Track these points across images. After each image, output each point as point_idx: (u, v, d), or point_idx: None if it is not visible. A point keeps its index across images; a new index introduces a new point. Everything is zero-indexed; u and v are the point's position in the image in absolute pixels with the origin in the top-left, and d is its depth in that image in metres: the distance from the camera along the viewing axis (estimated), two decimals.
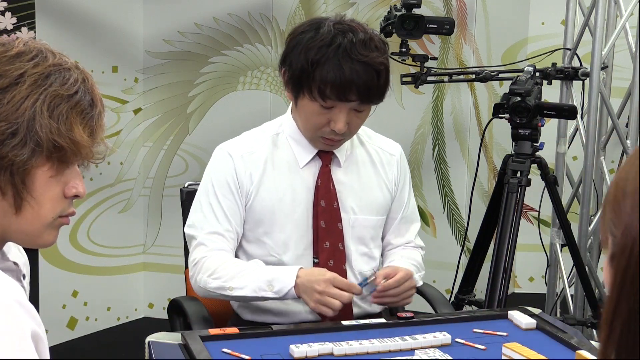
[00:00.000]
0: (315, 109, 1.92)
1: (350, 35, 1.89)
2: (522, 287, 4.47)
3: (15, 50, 1.17)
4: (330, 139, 1.96)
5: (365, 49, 1.88)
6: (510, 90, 2.79)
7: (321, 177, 2.02)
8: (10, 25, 3.26)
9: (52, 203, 1.20)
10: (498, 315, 1.91)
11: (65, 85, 1.17)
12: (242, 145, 2.05)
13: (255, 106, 3.79)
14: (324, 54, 1.87)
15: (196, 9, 3.78)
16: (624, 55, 3.43)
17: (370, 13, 3.81)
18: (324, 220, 2.01)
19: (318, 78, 1.87)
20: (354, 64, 1.86)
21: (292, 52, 1.93)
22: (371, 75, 1.88)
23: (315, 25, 1.94)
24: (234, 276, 1.91)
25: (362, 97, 1.89)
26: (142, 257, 3.96)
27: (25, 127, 1.14)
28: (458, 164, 3.95)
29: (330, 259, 2.01)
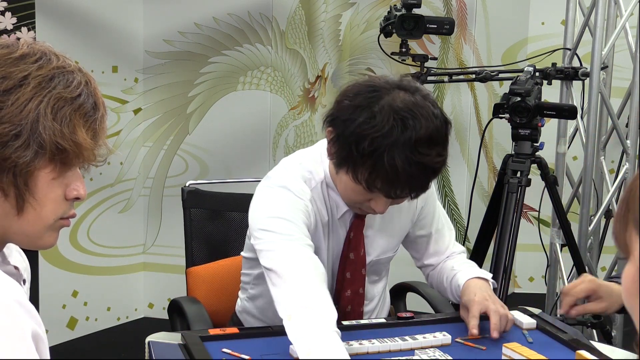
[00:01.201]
0: (356, 189, 1.72)
1: (410, 124, 1.63)
2: (522, 287, 4.47)
3: (19, 52, 1.17)
4: (367, 211, 1.80)
5: (427, 145, 1.63)
6: (510, 90, 2.79)
7: (354, 230, 1.88)
8: (10, 25, 3.26)
9: (53, 205, 1.20)
10: None
11: (69, 88, 1.18)
12: (302, 184, 1.82)
13: (255, 106, 3.79)
14: (379, 147, 1.62)
15: (196, 9, 3.78)
16: (624, 55, 3.43)
17: (370, 13, 3.81)
18: (349, 272, 1.92)
19: (368, 170, 1.65)
20: (412, 166, 1.63)
21: (342, 124, 1.69)
22: (427, 177, 1.68)
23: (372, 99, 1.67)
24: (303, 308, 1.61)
25: (412, 195, 1.73)
26: (142, 257, 3.96)
27: (28, 129, 1.14)
28: (458, 164, 3.95)
29: (349, 304, 1.94)
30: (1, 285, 1.07)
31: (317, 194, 1.83)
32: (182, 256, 2.36)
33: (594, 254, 3.56)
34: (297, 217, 1.75)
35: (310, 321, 1.58)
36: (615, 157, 3.79)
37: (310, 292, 1.63)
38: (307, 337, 1.55)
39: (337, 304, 1.85)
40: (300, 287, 1.63)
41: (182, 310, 2.07)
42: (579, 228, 3.26)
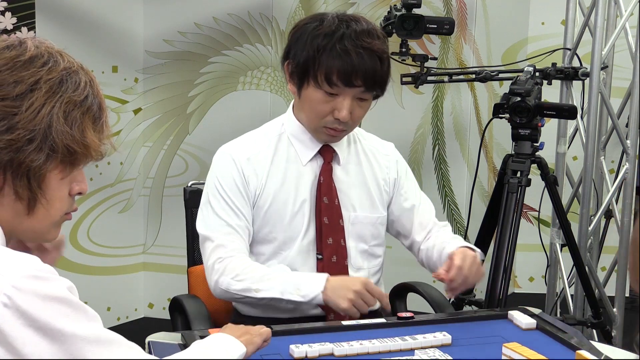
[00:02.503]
0: (319, 97, 1.95)
1: (353, 24, 1.94)
2: (522, 287, 4.47)
3: (28, 55, 1.19)
4: (334, 129, 1.99)
5: (369, 36, 1.93)
6: (510, 90, 2.79)
7: (323, 174, 2.05)
8: (10, 25, 3.26)
9: (60, 202, 1.24)
10: (498, 315, 1.91)
11: (77, 91, 1.21)
12: (246, 147, 2.07)
13: (255, 106, 3.79)
14: (330, 40, 1.91)
15: (196, 9, 3.78)
16: (624, 55, 3.43)
17: (371, 13, 3.81)
18: (327, 217, 2.03)
19: (324, 64, 1.91)
20: (360, 50, 1.90)
21: (296, 43, 1.97)
22: (375, 61, 1.92)
23: (319, 17, 1.99)
24: (261, 279, 1.92)
25: (367, 83, 1.92)
26: (142, 257, 3.96)
27: (42, 133, 1.17)
28: (458, 164, 3.95)
29: (334, 255, 2.03)
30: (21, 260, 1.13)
31: (274, 146, 2.06)
32: (182, 256, 2.36)
33: (594, 254, 3.56)
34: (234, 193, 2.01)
35: (275, 278, 1.92)
36: (615, 157, 3.80)
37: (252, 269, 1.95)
38: (285, 284, 1.89)
39: (321, 253, 2.02)
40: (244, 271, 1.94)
41: (183, 307, 2.08)
42: (579, 228, 3.26)
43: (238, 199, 2.01)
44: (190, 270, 2.29)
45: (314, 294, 1.86)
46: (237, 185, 2.02)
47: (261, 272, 1.94)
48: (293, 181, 2.04)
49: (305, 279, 1.90)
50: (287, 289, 1.89)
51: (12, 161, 1.16)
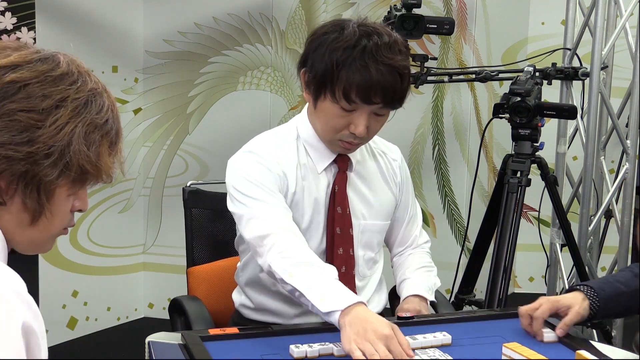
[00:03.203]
0: (336, 112, 1.87)
1: (375, 37, 1.85)
2: (522, 287, 4.47)
3: (59, 71, 1.20)
4: (349, 142, 1.92)
5: (390, 51, 1.85)
6: (510, 90, 2.79)
7: (338, 183, 1.99)
8: (10, 25, 3.26)
9: (62, 217, 1.26)
10: (498, 315, 1.91)
11: (100, 114, 1.23)
12: (271, 149, 1.96)
13: (255, 106, 3.79)
14: (350, 55, 1.83)
15: (196, 9, 3.78)
16: (624, 55, 3.43)
17: (371, 13, 3.81)
18: (339, 227, 1.98)
19: (344, 79, 1.82)
20: (380, 66, 1.83)
21: (314, 52, 1.89)
22: (395, 78, 1.86)
23: (339, 26, 1.89)
24: (301, 264, 1.76)
25: (386, 100, 1.86)
26: (142, 257, 3.96)
27: (60, 150, 1.18)
28: (458, 164, 3.95)
29: (343, 265, 1.98)
30: (1, 276, 1.10)
31: (295, 152, 1.97)
32: (182, 256, 2.36)
33: (594, 254, 3.56)
34: (268, 181, 1.90)
35: (314, 273, 1.73)
36: (615, 157, 3.79)
37: (303, 252, 1.79)
38: (317, 285, 1.70)
39: (332, 263, 1.93)
40: (293, 250, 1.79)
41: (183, 308, 2.08)
42: (579, 228, 3.27)
43: (276, 188, 1.91)
44: (190, 270, 2.28)
45: (333, 309, 1.64)
46: (273, 178, 1.91)
47: (306, 258, 1.78)
48: (310, 189, 1.97)
49: (337, 290, 1.69)
50: (314, 288, 1.70)
51: (26, 173, 1.17)
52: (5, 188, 1.18)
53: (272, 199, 1.88)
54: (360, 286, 2.05)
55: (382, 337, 1.56)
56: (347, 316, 1.61)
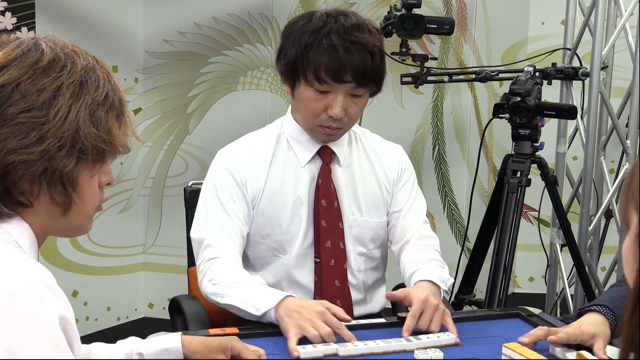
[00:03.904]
0: (311, 95, 1.92)
1: (342, 18, 1.91)
2: (522, 287, 4.47)
3: (46, 60, 1.19)
4: (329, 127, 1.95)
5: (357, 30, 1.89)
6: (510, 90, 2.79)
7: (322, 176, 2.02)
8: (10, 25, 3.26)
9: (92, 198, 1.27)
10: (498, 315, 1.91)
11: (99, 90, 1.22)
12: (245, 149, 2.04)
13: (255, 106, 3.79)
14: (317, 37, 1.88)
15: (196, 9, 3.78)
16: (624, 55, 3.43)
17: (371, 13, 3.81)
18: (325, 220, 2.00)
19: (312, 60, 1.88)
20: (347, 44, 1.87)
21: (286, 41, 1.95)
22: (365, 56, 1.88)
23: (308, 14, 1.96)
24: (229, 285, 1.87)
25: (357, 78, 1.89)
26: (142, 257, 3.96)
27: (70, 139, 1.18)
28: (458, 164, 3.95)
29: (332, 258, 2.01)
30: (29, 269, 1.11)
31: (273, 148, 2.03)
32: (182, 256, 2.36)
33: (594, 254, 3.56)
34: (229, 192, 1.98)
35: (242, 287, 1.84)
36: (615, 157, 3.79)
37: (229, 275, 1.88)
38: (247, 296, 1.80)
39: (319, 257, 1.98)
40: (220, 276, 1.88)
41: (182, 308, 2.08)
42: (579, 228, 3.27)
43: (233, 202, 1.98)
44: (191, 270, 2.28)
45: (266, 309, 1.75)
46: (234, 189, 1.99)
47: (232, 278, 1.88)
48: (291, 183, 2.01)
49: (264, 293, 1.81)
50: (246, 300, 1.81)
51: (45, 171, 1.17)
52: (29, 190, 1.18)
53: (227, 220, 1.96)
54: (354, 283, 2.05)
55: (317, 314, 1.68)
56: (280, 309, 1.72)
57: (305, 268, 2.01)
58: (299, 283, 2.01)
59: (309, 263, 2.01)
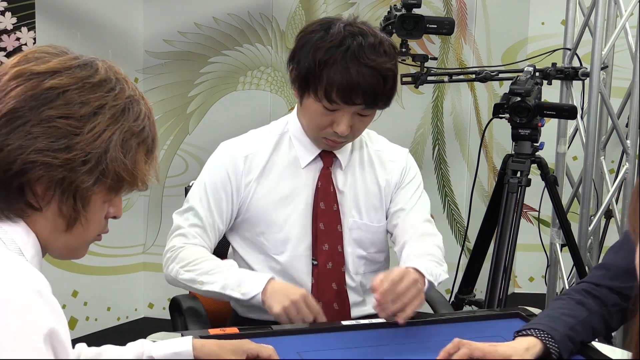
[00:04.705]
0: (319, 110, 1.91)
1: (359, 38, 1.87)
2: (522, 287, 4.47)
3: (98, 78, 1.21)
4: (333, 140, 1.95)
5: (373, 53, 1.86)
6: (510, 90, 2.79)
7: (322, 179, 2.01)
8: (10, 25, 3.26)
9: (97, 224, 1.28)
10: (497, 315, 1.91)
11: (137, 121, 1.24)
12: (247, 145, 2.04)
13: (255, 106, 3.79)
14: (332, 55, 1.86)
15: (196, 9, 3.78)
16: (624, 55, 3.43)
17: (371, 13, 3.81)
18: (323, 223, 2.00)
19: (325, 79, 1.86)
20: (362, 67, 1.84)
21: (300, 50, 1.92)
22: (377, 80, 1.86)
23: (326, 25, 1.92)
24: (207, 272, 1.91)
25: (367, 101, 1.88)
26: (142, 257, 3.96)
27: (97, 157, 1.19)
28: (458, 164, 3.95)
29: (329, 261, 2.00)
30: (24, 275, 1.11)
31: (272, 147, 2.03)
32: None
33: (594, 254, 3.56)
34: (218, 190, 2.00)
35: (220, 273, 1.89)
36: (615, 157, 3.79)
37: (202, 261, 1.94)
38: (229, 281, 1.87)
39: (316, 259, 1.98)
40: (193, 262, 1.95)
41: (182, 308, 2.08)
42: (579, 228, 3.27)
43: (217, 197, 2.00)
44: None
45: (253, 293, 1.83)
46: (222, 183, 2.00)
47: (210, 264, 1.93)
48: (289, 183, 2.01)
49: (249, 277, 1.88)
50: (229, 285, 1.87)
51: (63, 179, 1.18)
52: (42, 194, 1.19)
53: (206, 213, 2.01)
54: (353, 285, 2.05)
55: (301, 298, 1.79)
56: (267, 292, 1.82)
57: (302, 270, 2.01)
58: (297, 284, 2.00)
59: (306, 265, 2.01)
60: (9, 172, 1.16)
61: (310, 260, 2.00)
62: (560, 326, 1.61)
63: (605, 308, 1.67)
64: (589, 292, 1.69)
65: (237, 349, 1.53)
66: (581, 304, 1.67)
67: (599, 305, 1.67)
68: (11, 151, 1.16)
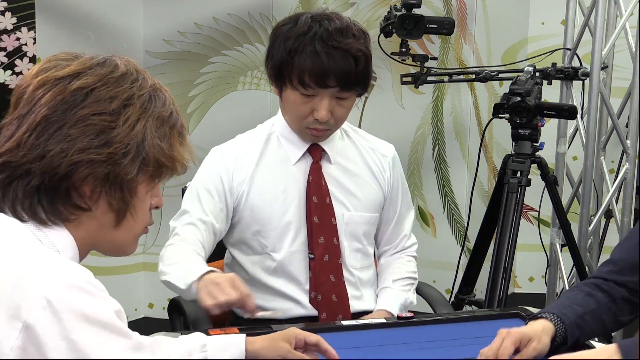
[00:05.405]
0: (297, 99, 1.94)
1: (326, 23, 1.92)
2: (522, 287, 4.47)
3: (119, 72, 1.25)
4: (316, 129, 1.98)
5: (341, 35, 1.91)
6: (510, 90, 2.79)
7: (312, 174, 2.04)
8: (10, 25, 3.26)
9: (144, 215, 1.31)
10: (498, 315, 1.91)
11: (165, 107, 1.28)
12: (236, 147, 2.08)
13: (255, 106, 3.79)
14: (301, 42, 1.90)
15: (196, 9, 3.78)
16: (624, 55, 3.43)
17: (370, 13, 3.81)
18: (317, 216, 2.02)
19: (296, 66, 1.90)
20: (331, 50, 1.89)
21: (273, 45, 1.98)
22: (348, 61, 1.90)
23: (294, 17, 1.99)
24: (172, 263, 1.92)
25: (341, 83, 1.91)
26: (142, 257, 3.96)
27: (135, 147, 1.22)
28: (458, 164, 3.95)
29: (326, 254, 2.03)
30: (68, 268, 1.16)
31: (261, 147, 2.06)
32: None
33: (594, 254, 3.56)
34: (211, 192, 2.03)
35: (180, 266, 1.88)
36: (615, 157, 3.79)
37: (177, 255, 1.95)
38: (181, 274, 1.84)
39: (313, 253, 2.00)
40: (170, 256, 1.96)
41: (182, 308, 2.08)
42: (579, 228, 3.26)
43: (210, 198, 2.03)
44: None
45: (190, 281, 1.79)
46: (214, 185, 2.03)
47: (178, 258, 1.93)
48: (282, 181, 2.04)
49: (195, 269, 1.83)
50: (179, 276, 1.86)
51: (108, 174, 1.21)
52: (90, 194, 1.22)
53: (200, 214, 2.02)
54: (350, 279, 2.07)
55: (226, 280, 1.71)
56: (201, 282, 1.76)
57: (300, 265, 2.03)
58: (295, 279, 2.03)
59: (303, 259, 2.03)
60: (56, 176, 1.19)
61: (307, 254, 2.03)
62: (570, 312, 1.66)
63: (613, 302, 1.72)
64: (598, 286, 1.74)
65: (286, 336, 1.54)
66: (590, 296, 1.72)
67: (607, 298, 1.71)
68: (54, 156, 1.19)
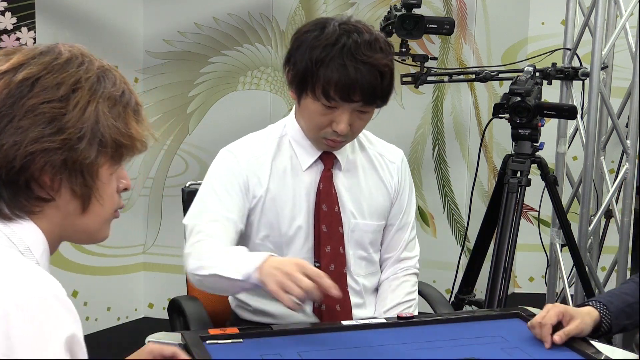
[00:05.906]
0: (318, 109, 1.89)
1: (355, 35, 1.87)
2: (522, 287, 4.47)
3: (63, 58, 1.23)
4: (332, 140, 1.94)
5: (369, 49, 1.86)
6: (510, 90, 2.79)
7: (323, 181, 2.00)
8: (10, 25, 3.26)
9: (111, 198, 1.28)
10: (498, 315, 1.91)
11: (115, 87, 1.26)
12: (248, 148, 2.02)
13: (255, 106, 3.79)
14: (329, 53, 1.85)
15: (196, 9, 3.78)
16: (624, 55, 3.43)
17: (370, 13, 3.81)
18: (325, 225, 1.99)
19: (322, 77, 1.85)
20: (359, 64, 1.84)
21: (296, 51, 1.92)
22: (375, 77, 1.86)
23: (321, 24, 1.92)
24: (211, 257, 1.82)
25: (365, 98, 1.87)
26: (142, 257, 3.96)
27: (90, 130, 1.21)
28: (458, 164, 3.95)
29: (332, 263, 2.00)
30: (40, 280, 1.12)
31: (274, 150, 2.01)
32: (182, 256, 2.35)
33: (594, 254, 3.56)
34: (227, 191, 1.95)
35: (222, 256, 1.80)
36: (615, 157, 3.79)
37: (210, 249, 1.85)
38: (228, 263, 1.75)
39: (319, 261, 1.97)
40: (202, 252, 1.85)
41: (182, 309, 2.08)
42: (579, 228, 3.27)
43: (229, 197, 1.95)
44: None
45: (248, 271, 1.68)
46: (232, 184, 1.96)
47: (216, 251, 1.85)
48: (292, 187, 2.00)
49: (245, 256, 1.76)
50: (226, 267, 1.75)
51: (66, 161, 1.19)
52: (50, 183, 1.20)
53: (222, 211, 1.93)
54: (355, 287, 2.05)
55: (295, 267, 1.62)
56: (262, 270, 1.66)
57: None
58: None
59: None
60: (12, 170, 1.18)
61: (313, 262, 1.99)
62: (618, 301, 1.74)
63: None
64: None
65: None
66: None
67: None
68: (8, 150, 1.17)
